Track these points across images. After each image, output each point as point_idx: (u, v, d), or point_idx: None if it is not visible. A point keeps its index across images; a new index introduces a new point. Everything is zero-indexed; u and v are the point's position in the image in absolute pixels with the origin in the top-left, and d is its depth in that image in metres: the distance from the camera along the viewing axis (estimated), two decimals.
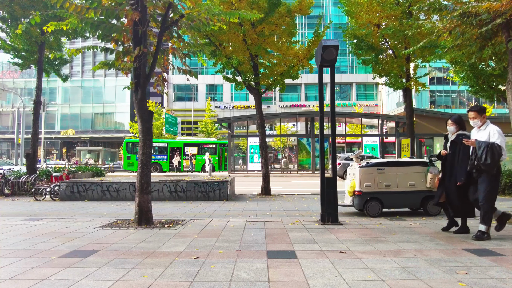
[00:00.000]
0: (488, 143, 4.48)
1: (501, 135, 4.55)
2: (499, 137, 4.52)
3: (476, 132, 4.82)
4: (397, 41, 12.45)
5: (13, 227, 5.70)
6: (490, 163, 4.40)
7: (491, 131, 4.61)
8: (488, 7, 5.61)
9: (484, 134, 4.66)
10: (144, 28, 5.75)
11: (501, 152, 4.44)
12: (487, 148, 4.44)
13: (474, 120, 4.83)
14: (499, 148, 4.43)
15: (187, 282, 3.04)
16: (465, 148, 4.78)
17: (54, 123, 48.08)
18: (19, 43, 12.80)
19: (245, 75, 11.54)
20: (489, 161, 4.39)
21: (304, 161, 26.58)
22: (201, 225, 5.81)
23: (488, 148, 4.44)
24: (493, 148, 4.43)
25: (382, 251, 4.06)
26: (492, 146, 4.44)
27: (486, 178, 4.56)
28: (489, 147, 4.44)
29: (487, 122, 4.77)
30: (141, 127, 5.98)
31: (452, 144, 4.98)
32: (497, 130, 4.59)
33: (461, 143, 4.80)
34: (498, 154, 4.41)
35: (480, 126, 4.78)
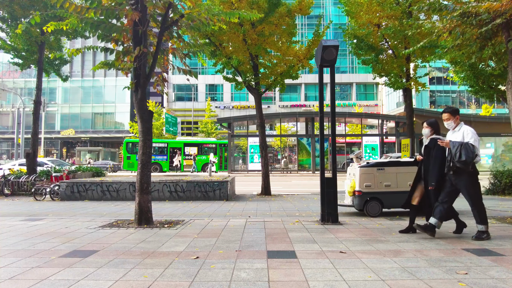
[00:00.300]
0: (462, 142, 4.51)
1: (474, 135, 4.56)
2: (472, 136, 4.53)
3: (451, 134, 4.83)
4: (397, 41, 12.45)
5: (13, 227, 5.70)
6: (465, 160, 4.40)
7: (464, 132, 4.63)
8: (488, 7, 5.62)
9: (458, 135, 4.67)
10: (144, 28, 5.75)
11: (474, 151, 4.44)
12: (461, 147, 4.47)
13: (448, 121, 4.84)
14: (472, 147, 4.44)
15: (187, 282, 3.04)
16: (437, 152, 4.74)
17: (54, 123, 48.07)
18: (19, 43, 12.80)
19: (245, 75, 11.54)
20: (463, 158, 4.40)
21: (304, 161, 26.58)
22: (201, 225, 5.81)
23: (462, 146, 4.46)
24: (467, 146, 4.45)
25: (382, 251, 4.06)
26: (466, 145, 4.47)
27: (467, 183, 4.56)
28: (462, 146, 4.47)
29: (461, 123, 4.77)
30: (141, 127, 5.98)
31: (426, 148, 4.96)
32: (470, 131, 4.60)
33: (434, 147, 4.77)
34: (472, 153, 4.41)
35: (454, 128, 4.79)
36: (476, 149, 4.48)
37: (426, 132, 5.05)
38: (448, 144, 4.60)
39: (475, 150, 4.45)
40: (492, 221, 6.04)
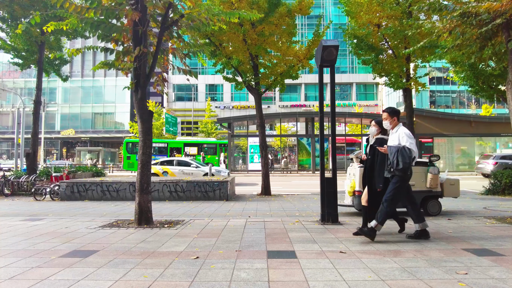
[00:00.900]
0: (398, 147, 4.45)
1: (409, 137, 4.49)
2: (407, 139, 4.46)
3: (390, 135, 4.77)
4: (397, 41, 12.45)
5: (13, 227, 5.70)
6: (402, 167, 4.35)
7: (400, 135, 4.54)
8: (488, 7, 5.62)
9: (395, 138, 4.61)
10: (144, 28, 5.75)
11: (411, 154, 4.40)
12: (398, 153, 4.41)
13: (385, 121, 4.80)
14: (409, 151, 4.39)
15: (187, 282, 3.04)
16: (382, 154, 4.71)
17: (54, 123, 48.07)
18: (19, 43, 12.80)
19: (245, 75, 11.54)
20: (400, 165, 4.35)
21: (304, 161, 26.58)
22: (201, 225, 5.81)
23: (399, 152, 4.41)
24: (403, 151, 4.39)
25: (382, 251, 4.06)
26: (401, 150, 4.41)
27: (394, 180, 4.52)
28: (399, 151, 4.41)
29: (398, 125, 4.70)
30: (141, 127, 5.98)
31: (371, 148, 4.91)
32: (405, 133, 4.52)
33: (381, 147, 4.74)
34: (408, 157, 4.36)
35: (392, 129, 4.73)
36: (413, 152, 4.43)
37: (373, 131, 5.02)
38: (386, 150, 4.58)
39: (411, 154, 4.40)
40: (492, 221, 6.05)
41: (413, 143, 4.47)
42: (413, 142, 4.49)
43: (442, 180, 6.92)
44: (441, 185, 6.87)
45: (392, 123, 4.73)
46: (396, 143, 4.53)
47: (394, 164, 4.41)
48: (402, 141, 4.48)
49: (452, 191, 6.95)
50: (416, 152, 4.49)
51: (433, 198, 6.80)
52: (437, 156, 7.03)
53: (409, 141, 4.44)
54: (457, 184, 7.00)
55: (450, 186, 6.94)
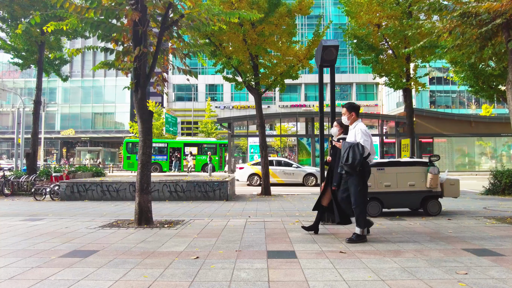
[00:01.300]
0: (352, 143, 4.42)
1: (365, 134, 4.43)
2: (362, 136, 4.42)
3: (349, 131, 4.74)
4: (397, 41, 12.45)
5: (13, 227, 5.70)
6: (351, 163, 4.32)
7: (356, 131, 4.51)
8: (488, 7, 5.62)
9: (352, 134, 4.58)
10: (144, 28, 5.75)
11: (363, 152, 4.35)
12: (350, 148, 4.38)
13: (343, 116, 4.77)
14: (361, 148, 4.34)
15: (187, 282, 3.04)
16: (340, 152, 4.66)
17: (54, 123, 48.06)
18: (19, 43, 12.80)
19: (245, 75, 11.54)
20: (350, 161, 4.32)
21: (304, 161, 26.55)
22: (201, 225, 5.81)
23: (351, 148, 4.38)
24: (355, 148, 4.36)
25: (382, 251, 4.06)
26: (354, 146, 4.38)
27: (353, 181, 4.48)
28: (351, 147, 4.38)
29: (357, 121, 4.65)
30: (141, 127, 5.98)
31: (333, 148, 4.88)
32: (361, 130, 4.47)
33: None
34: (360, 154, 4.31)
35: (351, 124, 4.69)
36: (366, 149, 4.38)
37: (335, 131, 4.97)
38: (340, 146, 4.56)
39: (363, 151, 4.35)
40: (492, 221, 6.05)
41: (367, 141, 4.43)
42: (368, 140, 4.45)
43: (442, 180, 6.93)
44: (441, 185, 6.87)
45: (350, 119, 4.69)
46: (352, 139, 4.51)
47: (344, 159, 4.39)
48: (357, 138, 4.46)
49: (452, 191, 6.95)
50: (369, 149, 4.42)
51: (433, 198, 6.80)
52: (437, 156, 7.04)
53: (364, 138, 4.41)
54: (457, 184, 7.00)
55: (450, 186, 6.94)
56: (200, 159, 27.43)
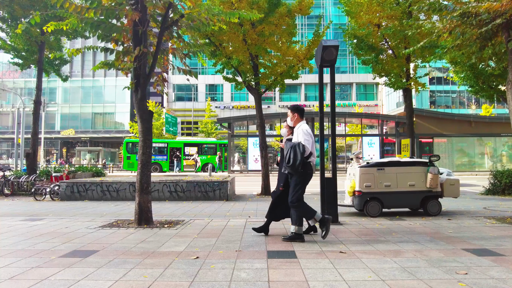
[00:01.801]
0: (293, 144, 4.43)
1: (306, 134, 4.46)
2: (303, 136, 4.44)
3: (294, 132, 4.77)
4: (397, 41, 12.44)
5: (13, 227, 5.70)
6: (292, 164, 4.33)
7: (299, 132, 4.54)
8: (488, 7, 5.62)
9: (295, 135, 4.61)
10: (144, 28, 5.75)
11: (304, 151, 4.35)
12: (291, 149, 4.38)
13: (288, 118, 4.81)
14: (302, 148, 4.36)
15: (187, 282, 3.04)
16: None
17: (54, 123, 48.08)
18: (19, 43, 12.80)
19: (245, 75, 11.53)
20: (291, 162, 4.33)
21: None
22: (201, 225, 5.81)
23: (292, 149, 4.38)
24: (296, 148, 4.36)
25: (382, 251, 4.06)
26: (295, 146, 4.38)
27: (294, 180, 4.51)
28: (292, 147, 4.38)
29: (301, 121, 4.69)
30: (141, 127, 5.98)
31: (282, 150, 4.90)
32: (303, 130, 4.50)
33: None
34: (300, 154, 4.32)
35: (294, 125, 4.71)
36: (307, 148, 4.40)
37: (284, 132, 5.00)
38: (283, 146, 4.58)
39: (304, 151, 4.36)
40: (492, 221, 6.05)
41: (309, 140, 4.44)
42: (309, 140, 4.46)
43: (442, 180, 6.93)
44: (441, 185, 6.87)
45: (293, 119, 4.73)
46: (295, 140, 4.53)
47: (286, 160, 4.41)
48: (299, 138, 4.49)
49: (452, 191, 6.95)
50: (310, 149, 4.43)
51: (433, 198, 6.80)
52: (437, 156, 7.04)
53: (305, 138, 4.43)
54: (457, 184, 7.00)
55: (450, 186, 6.94)
56: (200, 159, 27.42)
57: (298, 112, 4.75)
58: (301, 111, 4.80)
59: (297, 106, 4.85)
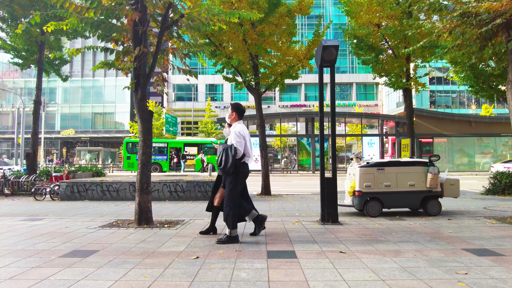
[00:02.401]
0: (226, 146, 4.42)
1: (238, 136, 4.41)
2: (235, 138, 4.41)
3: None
4: (397, 41, 12.44)
5: (13, 227, 5.70)
6: (223, 167, 4.32)
7: (232, 133, 4.51)
8: (488, 7, 5.62)
9: (229, 136, 4.60)
10: (144, 28, 5.75)
11: (235, 153, 4.33)
12: (223, 151, 4.37)
13: (227, 114, 4.78)
14: (234, 151, 4.33)
15: (187, 282, 3.04)
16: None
17: (54, 123, 48.07)
18: (19, 43, 12.80)
19: (245, 75, 11.54)
20: (222, 164, 4.32)
21: (304, 161, 26.59)
22: (201, 225, 5.80)
23: (224, 151, 4.36)
24: (228, 150, 4.35)
25: (382, 251, 4.06)
26: (227, 148, 4.36)
27: (228, 181, 4.50)
28: (225, 150, 4.36)
29: (238, 121, 4.66)
30: (141, 127, 5.98)
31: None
32: (235, 132, 4.45)
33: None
34: (232, 156, 4.30)
35: (231, 124, 4.69)
36: (239, 151, 4.37)
37: (226, 132, 4.95)
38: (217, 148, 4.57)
39: (236, 153, 4.33)
40: (492, 221, 6.05)
41: (240, 142, 4.40)
42: (242, 141, 4.42)
43: (442, 180, 6.93)
44: (441, 185, 6.87)
45: (231, 118, 4.71)
46: (229, 142, 4.52)
47: (218, 162, 4.40)
48: (231, 139, 4.47)
49: (452, 191, 6.95)
50: (242, 151, 4.40)
51: (433, 198, 6.80)
52: (437, 156, 7.04)
53: (236, 140, 4.39)
54: (457, 184, 7.00)
55: (450, 186, 6.94)
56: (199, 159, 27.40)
57: (237, 112, 4.71)
58: (240, 111, 4.74)
59: (237, 105, 4.79)
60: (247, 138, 4.53)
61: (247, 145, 4.50)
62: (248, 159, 4.56)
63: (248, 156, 4.54)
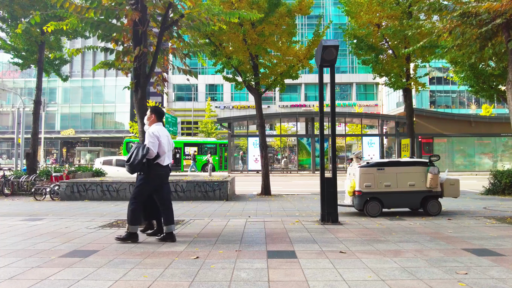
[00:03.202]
0: (139, 144, 4.52)
1: (151, 136, 4.50)
2: (148, 138, 4.50)
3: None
4: (397, 41, 12.44)
5: (13, 227, 5.70)
6: (130, 163, 4.39)
7: (147, 133, 4.61)
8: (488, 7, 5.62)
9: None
10: (144, 28, 5.75)
11: (146, 153, 4.40)
12: (136, 149, 4.46)
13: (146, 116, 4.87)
14: (146, 150, 4.41)
15: (187, 282, 3.04)
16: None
17: (54, 123, 48.05)
18: (19, 43, 12.80)
19: (245, 75, 11.54)
20: (130, 161, 4.40)
21: (304, 161, 26.57)
22: (201, 225, 5.81)
23: (136, 148, 4.46)
24: (139, 149, 4.43)
25: (382, 251, 4.06)
26: (140, 147, 4.45)
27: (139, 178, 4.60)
28: (137, 148, 4.46)
29: (156, 123, 4.74)
30: (141, 127, 5.98)
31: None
32: (149, 133, 4.56)
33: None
34: (142, 155, 4.37)
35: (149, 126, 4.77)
36: (151, 151, 4.44)
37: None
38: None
39: (147, 153, 4.40)
40: (492, 221, 6.05)
41: (154, 143, 4.48)
42: (155, 142, 4.50)
43: (442, 180, 6.93)
44: (441, 185, 6.87)
45: (150, 120, 4.79)
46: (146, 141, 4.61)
47: (127, 158, 4.47)
48: (146, 139, 4.56)
49: (452, 191, 6.95)
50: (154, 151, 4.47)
51: (433, 198, 6.80)
52: (437, 156, 7.05)
53: (149, 140, 4.49)
54: (457, 184, 7.00)
55: (450, 186, 6.94)
56: (200, 159, 27.41)
57: (155, 114, 4.80)
58: (159, 113, 4.85)
59: (156, 108, 4.91)
60: (163, 140, 4.62)
61: (162, 146, 4.59)
62: (164, 160, 4.63)
63: (162, 157, 4.61)
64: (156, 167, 4.57)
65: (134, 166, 4.39)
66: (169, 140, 4.79)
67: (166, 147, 4.65)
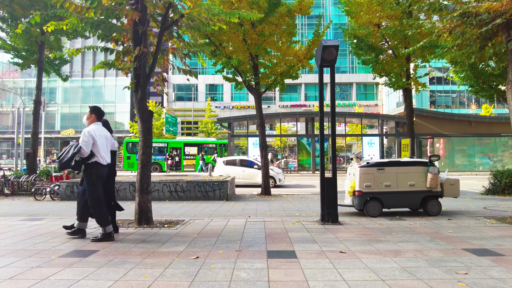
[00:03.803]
0: (73, 144, 4.58)
1: (85, 136, 4.57)
2: (82, 137, 4.57)
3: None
4: (397, 41, 12.45)
5: (13, 227, 5.70)
6: (60, 159, 4.47)
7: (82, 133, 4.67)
8: (488, 7, 5.62)
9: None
10: (144, 28, 5.74)
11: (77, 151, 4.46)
12: (69, 147, 4.54)
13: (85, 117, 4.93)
14: (77, 149, 4.48)
15: (187, 282, 3.04)
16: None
17: (54, 123, 48.06)
18: (19, 43, 12.80)
19: (245, 75, 11.54)
20: (60, 158, 4.48)
21: (304, 161, 26.57)
22: (201, 225, 5.81)
23: (69, 147, 4.53)
24: (71, 147, 4.52)
25: (382, 251, 4.06)
26: (73, 146, 4.53)
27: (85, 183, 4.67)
28: (71, 146, 4.53)
29: (95, 123, 4.81)
30: (141, 127, 5.98)
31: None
32: (84, 132, 4.62)
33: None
34: (72, 154, 4.44)
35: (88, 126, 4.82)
36: (83, 150, 4.51)
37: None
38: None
39: (78, 151, 4.47)
40: (492, 221, 6.05)
41: (87, 142, 4.56)
42: (88, 141, 4.57)
43: (442, 180, 6.93)
44: (441, 185, 6.87)
45: (89, 119, 4.86)
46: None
47: (58, 155, 4.54)
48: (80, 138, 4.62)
49: (452, 191, 6.96)
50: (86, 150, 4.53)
51: (433, 198, 6.80)
52: (437, 156, 7.05)
53: (83, 139, 4.57)
54: (457, 184, 7.00)
55: (450, 186, 6.94)
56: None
57: (95, 113, 4.90)
58: (99, 113, 4.94)
59: (96, 108, 4.99)
60: (99, 140, 4.69)
61: (96, 146, 4.65)
62: (99, 159, 4.67)
63: (98, 157, 4.66)
64: (94, 167, 4.64)
65: (62, 163, 4.49)
66: (108, 140, 4.84)
67: (103, 147, 4.72)
